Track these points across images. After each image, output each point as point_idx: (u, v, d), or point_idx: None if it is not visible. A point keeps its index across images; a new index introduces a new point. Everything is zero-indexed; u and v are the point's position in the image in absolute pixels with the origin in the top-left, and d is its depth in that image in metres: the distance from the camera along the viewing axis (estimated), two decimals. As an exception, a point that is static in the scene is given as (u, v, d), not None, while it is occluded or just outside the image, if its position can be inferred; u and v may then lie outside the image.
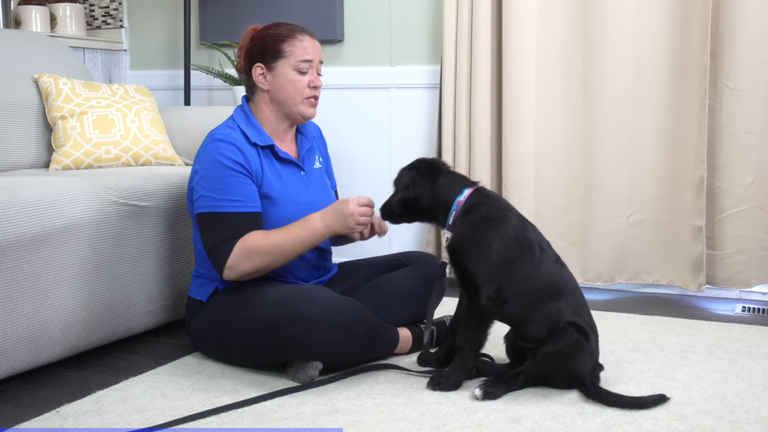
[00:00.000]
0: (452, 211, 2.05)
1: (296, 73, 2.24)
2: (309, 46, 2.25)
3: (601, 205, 3.04)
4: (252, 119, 2.27)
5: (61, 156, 2.74)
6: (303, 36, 2.26)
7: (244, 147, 2.18)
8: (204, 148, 2.21)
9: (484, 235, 2.00)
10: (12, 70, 2.83)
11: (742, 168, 2.87)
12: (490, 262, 1.98)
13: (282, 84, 2.24)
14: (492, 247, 1.98)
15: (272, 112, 2.29)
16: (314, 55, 2.26)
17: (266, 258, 2.12)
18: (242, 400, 1.97)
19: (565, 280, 2.02)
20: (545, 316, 1.98)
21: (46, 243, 2.11)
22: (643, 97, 2.97)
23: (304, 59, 2.24)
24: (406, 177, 2.11)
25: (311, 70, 2.26)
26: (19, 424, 1.87)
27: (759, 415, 1.86)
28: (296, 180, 2.29)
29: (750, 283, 2.93)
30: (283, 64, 2.24)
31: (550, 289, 1.99)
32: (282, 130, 2.31)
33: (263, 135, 2.25)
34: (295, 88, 2.24)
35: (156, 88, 3.63)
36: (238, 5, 3.56)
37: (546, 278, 1.99)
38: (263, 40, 2.27)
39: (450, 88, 3.17)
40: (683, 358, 2.28)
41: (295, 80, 2.24)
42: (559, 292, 1.99)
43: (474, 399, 1.96)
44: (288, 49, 2.24)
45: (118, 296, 2.36)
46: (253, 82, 2.27)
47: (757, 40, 2.80)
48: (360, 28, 3.44)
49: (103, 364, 2.31)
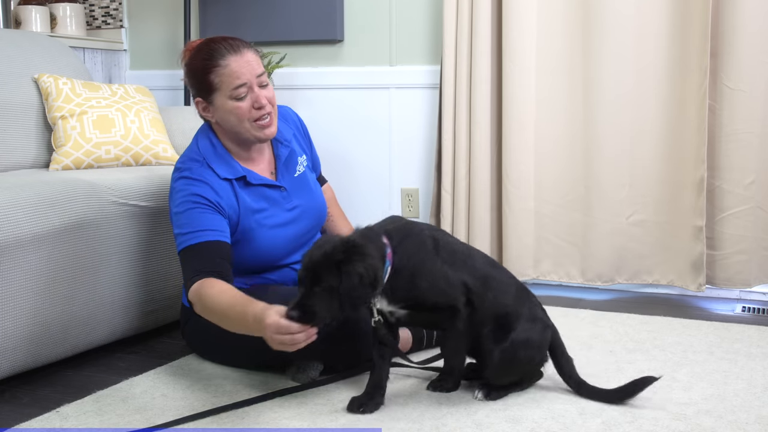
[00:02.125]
0: (386, 269, 1.82)
1: (234, 101, 2.08)
2: (236, 69, 2.07)
3: (601, 205, 3.04)
4: (218, 148, 2.16)
5: (61, 156, 2.74)
6: (227, 60, 2.07)
7: (214, 183, 2.09)
8: (174, 183, 2.13)
9: (423, 264, 1.87)
10: (12, 70, 2.83)
11: (742, 168, 2.87)
12: (448, 278, 1.88)
13: (224, 116, 2.12)
14: (438, 267, 1.88)
15: (231, 139, 2.18)
16: (247, 74, 2.08)
17: (211, 317, 1.97)
18: (242, 400, 1.97)
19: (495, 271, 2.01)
20: (494, 310, 1.95)
21: (46, 243, 2.11)
22: (643, 97, 2.97)
23: (236, 86, 2.07)
24: (366, 269, 1.74)
25: (250, 92, 2.09)
26: (19, 424, 1.87)
27: (759, 415, 1.86)
28: (276, 201, 2.21)
29: (750, 283, 2.93)
30: (218, 96, 2.10)
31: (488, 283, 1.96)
32: (251, 150, 2.21)
33: (233, 165, 2.15)
34: (238, 117, 2.10)
35: (156, 88, 3.63)
36: (238, 5, 3.56)
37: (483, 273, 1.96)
38: (191, 75, 2.14)
39: (450, 89, 3.17)
40: (683, 358, 2.28)
41: (234, 108, 2.09)
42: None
43: (475, 399, 1.97)
44: (216, 80, 2.08)
45: (118, 296, 2.36)
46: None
47: (757, 40, 2.80)
48: (360, 28, 3.44)
49: (103, 364, 2.32)
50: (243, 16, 3.54)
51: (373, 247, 1.80)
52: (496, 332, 1.94)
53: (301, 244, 2.26)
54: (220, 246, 2.04)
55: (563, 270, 3.13)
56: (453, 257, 1.92)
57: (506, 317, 1.95)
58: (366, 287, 1.75)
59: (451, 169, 3.19)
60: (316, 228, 2.32)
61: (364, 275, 1.73)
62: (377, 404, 1.90)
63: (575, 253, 3.10)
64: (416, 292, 1.87)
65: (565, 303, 2.93)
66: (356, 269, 1.73)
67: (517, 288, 2.02)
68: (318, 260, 1.75)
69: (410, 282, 1.86)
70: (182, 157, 2.18)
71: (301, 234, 2.26)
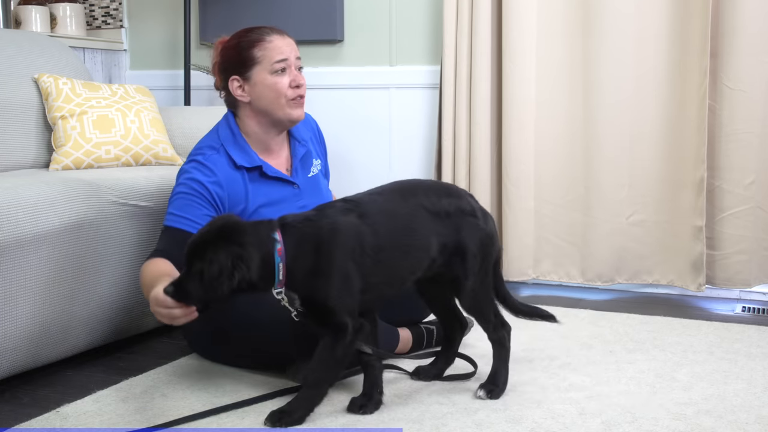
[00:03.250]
0: (277, 265, 1.77)
1: (274, 76, 2.14)
2: (281, 45, 2.16)
3: (601, 204, 3.04)
4: (238, 136, 2.19)
5: (61, 156, 2.74)
6: (272, 36, 2.16)
7: (222, 173, 2.12)
8: (184, 165, 2.18)
9: (330, 266, 1.78)
10: (12, 70, 2.83)
11: (742, 168, 2.87)
12: (352, 291, 1.80)
13: (261, 91, 2.16)
14: (347, 273, 1.79)
15: (258, 123, 2.20)
16: (289, 52, 2.16)
17: (144, 288, 1.98)
18: (242, 400, 1.96)
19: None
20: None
21: (46, 243, 2.11)
22: (643, 97, 2.97)
23: (279, 59, 2.14)
24: (226, 258, 1.70)
25: (289, 69, 2.16)
26: (19, 424, 1.87)
27: (759, 415, 1.86)
28: (286, 197, 2.23)
29: (750, 283, 2.93)
30: (259, 71, 2.15)
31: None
32: (272, 141, 2.24)
33: (250, 155, 2.18)
34: (276, 92, 2.15)
35: (156, 88, 3.63)
36: (238, 5, 3.56)
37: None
38: (233, 51, 2.18)
39: (450, 88, 3.17)
40: (683, 358, 2.28)
41: (273, 84, 2.14)
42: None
43: (477, 399, 1.97)
44: (259, 53, 2.14)
45: (118, 296, 2.36)
46: (233, 97, 2.20)
47: (756, 40, 2.80)
48: (360, 28, 3.44)
49: (103, 364, 2.31)
50: (243, 16, 3.54)
51: (254, 238, 1.75)
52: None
53: None
54: (180, 234, 2.05)
55: (563, 270, 3.13)
56: (368, 258, 1.82)
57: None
58: (222, 278, 1.69)
59: (451, 169, 3.19)
60: None
61: (224, 265, 1.69)
62: (377, 403, 1.90)
63: (575, 253, 3.10)
64: (311, 293, 1.80)
65: (565, 303, 2.93)
66: (218, 258, 1.69)
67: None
68: (195, 242, 1.75)
69: (306, 282, 1.79)
70: (200, 143, 2.21)
71: None
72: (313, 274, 1.79)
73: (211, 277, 1.69)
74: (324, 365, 1.84)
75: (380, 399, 1.91)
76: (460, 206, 1.95)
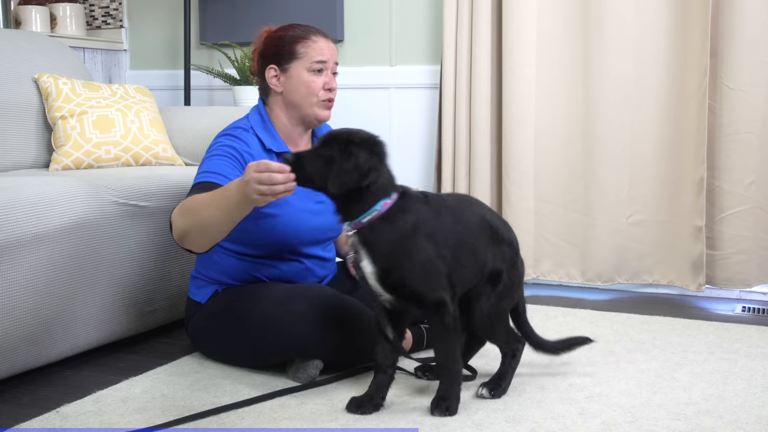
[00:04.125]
0: (372, 210, 1.82)
1: (310, 74, 2.19)
2: (324, 47, 2.21)
3: (601, 204, 3.04)
4: (267, 123, 2.24)
5: (61, 156, 2.74)
6: (317, 37, 2.22)
7: (254, 147, 2.17)
8: (216, 138, 2.21)
9: (415, 245, 1.82)
10: (12, 70, 2.83)
11: (742, 168, 2.87)
12: (439, 273, 1.84)
13: (296, 86, 2.20)
14: (430, 255, 1.83)
15: (286, 115, 2.25)
16: (329, 56, 2.21)
17: (190, 217, 1.95)
18: (242, 400, 1.96)
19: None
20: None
21: (46, 243, 2.11)
22: (642, 97, 2.97)
23: (318, 60, 2.19)
24: (366, 162, 1.80)
25: (326, 72, 2.21)
26: (19, 424, 1.87)
27: (759, 415, 1.86)
28: (306, 190, 2.24)
29: (750, 283, 2.93)
30: (297, 66, 2.20)
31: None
32: (297, 134, 2.27)
33: (278, 141, 2.22)
34: (309, 90, 2.20)
35: (156, 88, 3.63)
36: (238, 5, 3.56)
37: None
38: (277, 42, 2.23)
39: (450, 88, 3.17)
40: (683, 358, 2.28)
41: (309, 81, 2.19)
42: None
43: (478, 398, 1.97)
44: (302, 50, 2.20)
45: (118, 296, 2.36)
46: (266, 84, 2.24)
47: (756, 40, 2.80)
48: (360, 28, 3.44)
49: (103, 364, 2.31)
50: (243, 16, 3.54)
51: (387, 172, 1.85)
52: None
53: (320, 240, 2.29)
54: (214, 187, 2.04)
55: (563, 270, 3.13)
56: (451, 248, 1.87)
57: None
58: (354, 173, 1.78)
59: (451, 169, 3.19)
60: (333, 231, 2.32)
61: (361, 164, 1.79)
62: (376, 406, 1.90)
63: (575, 253, 3.10)
64: (397, 271, 1.82)
65: (565, 303, 2.93)
66: (359, 155, 1.79)
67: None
68: (342, 132, 1.86)
69: (390, 254, 1.81)
70: (229, 125, 2.23)
71: (322, 229, 2.27)
72: (399, 249, 1.81)
73: (341, 167, 1.79)
74: (444, 341, 1.87)
75: (381, 403, 1.91)
76: (511, 239, 2.03)
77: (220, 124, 3.00)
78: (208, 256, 2.24)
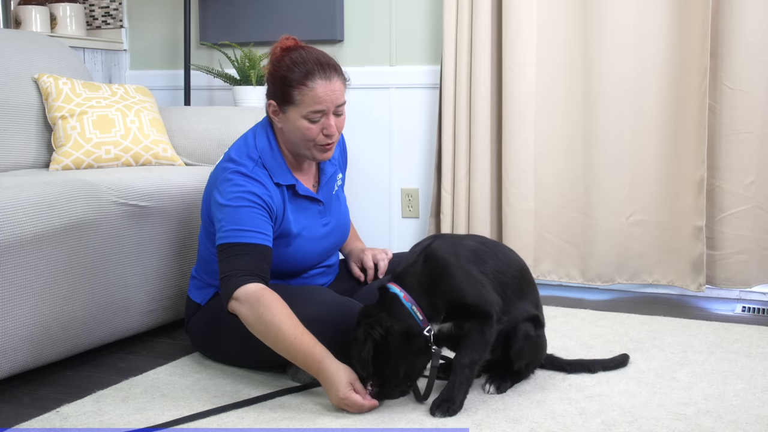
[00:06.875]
0: (411, 309, 1.92)
1: (306, 121, 2.07)
2: (321, 95, 2.05)
3: (601, 204, 3.04)
4: (275, 150, 2.15)
5: (61, 156, 2.74)
6: (316, 82, 2.05)
7: (268, 185, 2.10)
8: (228, 174, 2.09)
9: (449, 266, 1.94)
10: (12, 70, 2.83)
11: (742, 168, 2.87)
12: (479, 279, 1.95)
13: (291, 129, 2.10)
14: (469, 268, 1.95)
15: (287, 147, 2.17)
16: (329, 102, 2.07)
17: (261, 327, 1.95)
18: (242, 400, 1.97)
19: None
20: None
21: (46, 243, 2.11)
22: (643, 97, 2.97)
23: (315, 110, 2.06)
24: (412, 365, 1.95)
25: (324, 118, 2.08)
26: (19, 424, 1.87)
27: (759, 415, 1.86)
28: (314, 214, 2.22)
29: (750, 283, 2.93)
30: (293, 111, 2.08)
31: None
32: (303, 162, 2.22)
33: (285, 172, 2.15)
34: (304, 136, 2.09)
35: (156, 88, 3.63)
36: (238, 5, 3.56)
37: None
38: (277, 80, 2.10)
39: (450, 88, 3.17)
40: (683, 358, 2.28)
41: (304, 129, 2.08)
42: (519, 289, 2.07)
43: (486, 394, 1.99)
44: (298, 97, 2.06)
45: (118, 296, 2.36)
46: None
47: (756, 40, 2.80)
48: (360, 28, 3.44)
49: (103, 364, 2.32)
50: (243, 16, 3.54)
51: (402, 323, 1.90)
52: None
53: (325, 259, 2.29)
54: (267, 251, 2.03)
55: (563, 270, 3.13)
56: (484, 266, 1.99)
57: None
58: (413, 373, 1.96)
59: (451, 169, 3.19)
60: (339, 245, 2.34)
61: (416, 368, 1.96)
62: (402, 392, 1.98)
63: (575, 253, 3.10)
64: (448, 292, 1.93)
65: (565, 303, 2.94)
66: (402, 361, 1.91)
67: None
68: (366, 354, 1.88)
69: (437, 288, 1.93)
70: (237, 150, 2.15)
71: (328, 249, 2.29)
72: (441, 284, 1.93)
73: (406, 374, 1.93)
74: (474, 348, 1.92)
75: (407, 390, 1.98)
76: (537, 301, 2.15)
77: (220, 124, 3.02)
78: (208, 264, 2.22)
